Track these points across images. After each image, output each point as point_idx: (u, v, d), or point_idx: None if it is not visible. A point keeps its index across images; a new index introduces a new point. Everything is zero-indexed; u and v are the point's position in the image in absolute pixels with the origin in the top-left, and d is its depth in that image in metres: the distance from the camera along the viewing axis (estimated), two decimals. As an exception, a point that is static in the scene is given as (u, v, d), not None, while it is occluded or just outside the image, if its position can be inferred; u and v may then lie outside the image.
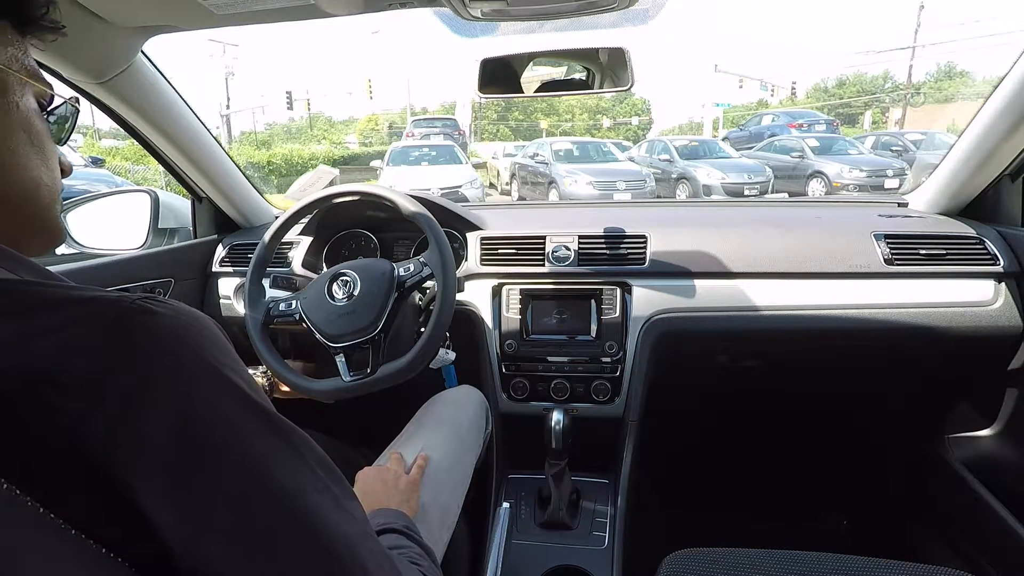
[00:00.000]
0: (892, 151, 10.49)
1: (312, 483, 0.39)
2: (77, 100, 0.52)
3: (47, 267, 0.44)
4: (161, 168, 1.30)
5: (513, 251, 1.24)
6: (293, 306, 1.00)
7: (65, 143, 0.50)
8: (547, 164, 9.88)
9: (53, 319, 0.35)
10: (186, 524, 0.34)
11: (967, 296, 1.11)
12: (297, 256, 1.30)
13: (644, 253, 1.19)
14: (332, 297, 0.96)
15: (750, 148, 12.20)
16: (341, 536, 0.38)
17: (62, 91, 0.50)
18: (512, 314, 1.21)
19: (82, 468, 0.33)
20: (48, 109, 0.48)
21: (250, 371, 1.16)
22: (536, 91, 1.10)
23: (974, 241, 1.12)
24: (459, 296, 1.15)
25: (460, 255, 1.27)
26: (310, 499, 0.38)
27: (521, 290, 1.21)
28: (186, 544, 0.34)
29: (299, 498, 0.37)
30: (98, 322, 0.35)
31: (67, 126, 0.51)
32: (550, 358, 1.19)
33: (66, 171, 0.49)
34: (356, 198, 1.07)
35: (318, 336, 0.95)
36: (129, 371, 0.34)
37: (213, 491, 0.35)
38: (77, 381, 0.33)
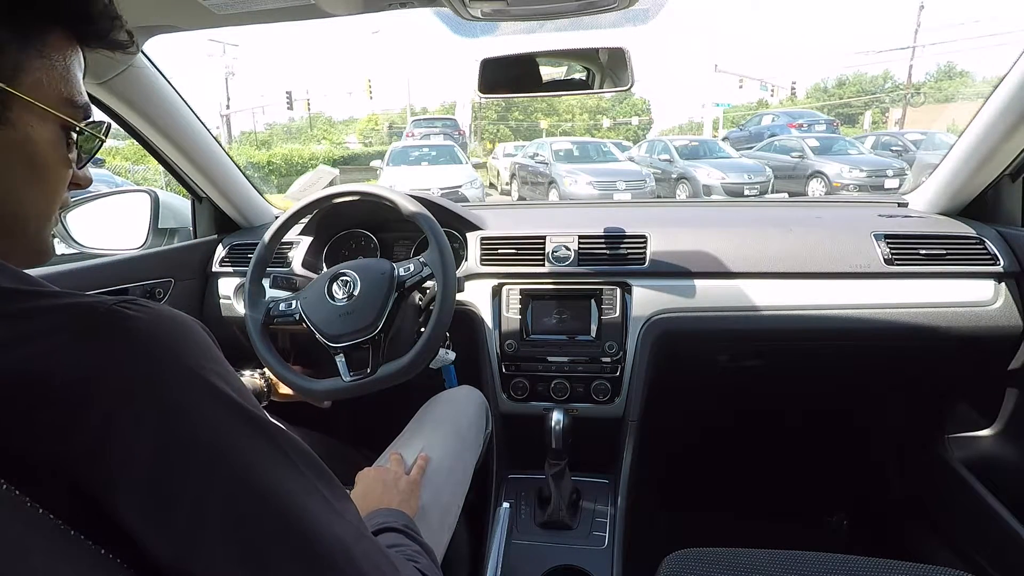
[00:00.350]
0: (892, 151, 10.49)
1: (301, 485, 0.38)
2: (105, 129, 0.47)
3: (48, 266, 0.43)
4: (161, 168, 1.30)
5: (513, 251, 1.24)
6: (293, 306, 1.00)
7: (82, 168, 0.46)
8: (547, 164, 9.88)
9: (28, 327, 0.34)
10: (174, 530, 0.33)
11: (967, 296, 1.11)
12: (297, 256, 1.30)
13: (644, 253, 1.19)
14: (332, 297, 0.96)
15: (750, 148, 12.20)
16: (334, 538, 0.37)
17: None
18: (512, 314, 1.21)
19: (67, 481, 0.32)
20: (75, 131, 0.43)
21: (248, 373, 1.15)
22: (536, 91, 1.10)
23: (974, 241, 1.12)
24: (459, 296, 1.15)
25: (460, 255, 1.27)
26: (299, 501, 0.37)
27: (521, 290, 1.21)
28: (175, 551, 0.33)
29: (288, 500, 0.37)
30: (73, 328, 0.34)
31: (88, 154, 0.46)
32: (550, 358, 1.19)
33: (83, 185, 0.47)
34: (356, 198, 1.07)
35: (318, 336, 0.95)
36: (108, 376, 0.33)
37: (199, 496, 0.34)
38: (57, 391, 0.32)
